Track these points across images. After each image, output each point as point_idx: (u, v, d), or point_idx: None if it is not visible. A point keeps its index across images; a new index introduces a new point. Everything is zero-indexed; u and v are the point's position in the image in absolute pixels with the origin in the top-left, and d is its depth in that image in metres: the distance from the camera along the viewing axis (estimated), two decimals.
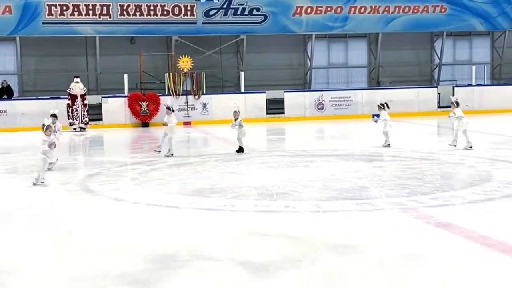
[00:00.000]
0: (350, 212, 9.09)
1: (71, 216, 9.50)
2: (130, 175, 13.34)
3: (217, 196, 10.55)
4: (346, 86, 31.28)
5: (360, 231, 8.05)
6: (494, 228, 7.99)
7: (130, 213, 9.60)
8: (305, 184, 11.39)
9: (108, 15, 27.33)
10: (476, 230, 7.90)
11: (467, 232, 7.86)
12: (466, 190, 10.60)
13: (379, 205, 9.51)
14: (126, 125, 26.00)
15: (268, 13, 28.81)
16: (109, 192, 11.18)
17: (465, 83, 31.47)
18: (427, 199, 9.74)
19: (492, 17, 30.98)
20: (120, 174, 13.37)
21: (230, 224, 8.72)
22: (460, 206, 9.38)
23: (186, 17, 28.05)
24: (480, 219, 8.59)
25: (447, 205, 9.42)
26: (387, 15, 29.90)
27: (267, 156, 15.78)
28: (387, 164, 14.02)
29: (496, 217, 8.73)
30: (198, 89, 26.81)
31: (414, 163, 13.82)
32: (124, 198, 10.62)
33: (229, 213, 9.34)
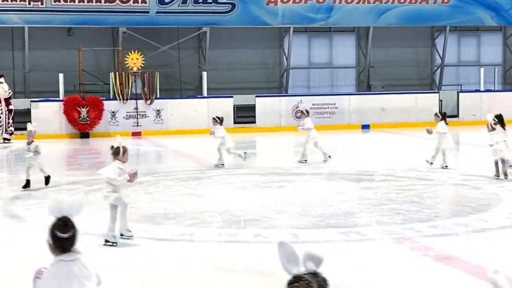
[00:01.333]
0: (333, 243, 9.17)
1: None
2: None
3: (172, 223, 10.55)
4: (330, 91, 31.56)
5: (345, 266, 8.13)
6: (506, 263, 8.13)
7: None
8: (280, 209, 11.46)
9: (39, 1, 27.17)
10: (483, 264, 8.04)
11: (472, 267, 8.00)
12: (471, 217, 10.78)
13: (369, 234, 9.62)
14: (61, 135, 25.80)
15: (236, 1, 28.98)
16: (38, 218, 11.07)
17: (472, 87, 32.00)
18: (425, 227, 9.88)
19: (505, 10, 31.61)
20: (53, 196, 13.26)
21: (188, 257, 8.72)
22: (464, 235, 9.55)
23: (136, 5, 28.05)
24: (487, 251, 8.75)
25: (448, 234, 9.57)
26: (379, 5, 30.31)
27: (234, 175, 15.82)
28: (378, 185, 14.18)
29: (507, 249, 8.90)
30: (150, 93, 26.77)
31: (410, 184, 14.00)
32: None
33: (187, 244, 9.35)
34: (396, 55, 31.90)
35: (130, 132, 26.07)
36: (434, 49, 33.14)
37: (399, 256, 8.60)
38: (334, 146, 22.94)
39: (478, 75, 31.59)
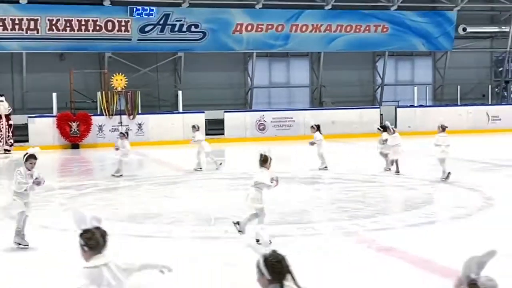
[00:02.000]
0: (291, 237, 9.17)
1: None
2: (58, 200, 13.05)
3: (152, 222, 10.45)
4: (288, 106, 31.64)
5: (301, 256, 8.12)
6: (437, 252, 8.20)
7: (58, 241, 9.38)
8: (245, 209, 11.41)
9: (36, 30, 26.83)
10: (418, 254, 8.10)
11: (409, 257, 8.06)
12: (408, 213, 10.87)
13: (321, 229, 9.65)
14: (55, 146, 25.44)
15: (207, 30, 28.94)
16: (35, 219, 10.88)
17: (408, 103, 32.36)
18: (368, 223, 9.94)
19: (434, 37, 32.06)
20: (47, 199, 13.05)
21: (166, 251, 8.64)
22: (402, 229, 9.62)
23: (120, 33, 27.84)
24: (422, 243, 8.81)
25: (388, 228, 9.64)
26: (329, 34, 30.52)
27: (206, 180, 15.76)
28: (329, 187, 14.24)
29: (438, 240, 8.98)
30: (132, 109, 26.55)
31: (355, 185, 14.08)
32: (51, 225, 10.38)
33: (164, 240, 9.27)
34: (344, 76, 32.14)
35: (115, 144, 25.78)
36: (375, 71, 33.47)
37: (347, 248, 8.62)
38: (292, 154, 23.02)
39: (412, 93, 31.94)
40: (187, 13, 28.59)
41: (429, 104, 33.33)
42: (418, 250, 8.30)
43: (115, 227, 10.14)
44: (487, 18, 34.81)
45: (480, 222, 10.17)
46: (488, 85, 34.07)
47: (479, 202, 11.57)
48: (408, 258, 7.98)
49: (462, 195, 12.45)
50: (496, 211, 10.61)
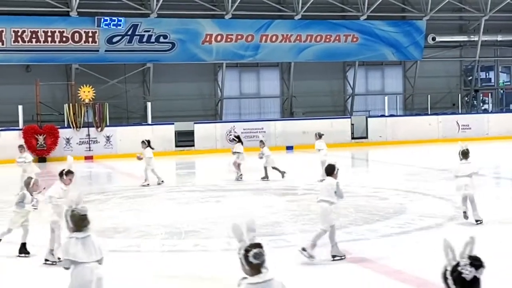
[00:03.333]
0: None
1: None
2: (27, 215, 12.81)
3: (121, 236, 10.34)
4: (258, 117, 31.70)
5: (273, 268, 8.10)
6: (409, 262, 8.26)
7: (21, 259, 9.22)
8: (216, 221, 11.38)
9: (0, 42, 26.49)
10: (391, 264, 8.15)
11: (381, 267, 8.10)
12: (380, 223, 10.92)
13: (293, 241, 9.63)
14: None
15: (176, 41, 28.89)
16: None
17: (378, 113, 32.65)
18: (341, 233, 9.93)
19: (404, 47, 32.46)
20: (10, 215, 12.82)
21: (135, 266, 8.55)
22: (374, 240, 9.66)
23: (87, 44, 27.64)
24: (394, 253, 8.87)
25: (361, 239, 9.67)
26: (299, 44, 30.70)
27: (176, 192, 15.67)
28: (301, 198, 14.25)
29: (411, 250, 9.04)
30: (100, 121, 26.34)
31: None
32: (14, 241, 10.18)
33: (134, 254, 9.18)
34: (314, 86, 32.32)
35: (83, 156, 25.58)
36: (345, 80, 33.74)
37: (319, 259, 8.62)
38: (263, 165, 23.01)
39: (383, 102, 32.26)
40: (155, 23, 28.52)
41: (399, 113, 33.69)
42: (390, 260, 8.35)
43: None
44: (456, 27, 35.38)
45: (451, 231, 10.26)
46: (458, 94, 34.60)
47: (450, 212, 11.69)
48: (381, 269, 8.02)
49: (433, 205, 12.57)
50: (467, 220, 10.71)
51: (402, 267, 7.97)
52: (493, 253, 7.73)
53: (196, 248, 9.37)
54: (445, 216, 11.30)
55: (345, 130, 29.76)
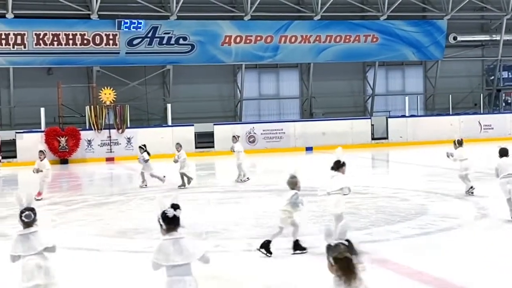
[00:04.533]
0: (283, 250, 9.14)
1: None
2: (48, 216, 12.98)
3: (142, 237, 10.40)
4: (278, 118, 31.71)
5: (294, 269, 8.12)
6: (431, 264, 8.21)
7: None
8: (237, 222, 11.41)
9: (22, 45, 26.81)
10: (412, 266, 8.11)
11: (403, 268, 8.06)
12: (401, 224, 10.87)
13: (313, 242, 9.61)
14: None
15: (195, 43, 29.01)
16: None
17: (399, 113, 32.49)
18: (361, 235, 9.92)
19: (425, 47, 32.26)
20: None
21: None
22: (395, 241, 9.62)
23: (108, 47, 27.86)
24: (416, 254, 8.82)
25: (382, 240, 9.63)
26: (318, 44, 30.65)
27: (197, 193, 15.72)
28: (321, 199, 14.20)
29: (432, 252, 8.99)
30: (121, 123, 26.51)
31: (348, 197, 13.99)
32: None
33: None
34: (334, 87, 32.26)
35: (104, 158, 25.79)
36: (365, 81, 33.61)
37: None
38: (282, 166, 22.99)
39: (403, 102, 32.10)
40: (175, 25, 28.66)
41: (420, 113, 33.48)
42: (411, 261, 8.30)
43: (105, 242, 10.11)
44: (478, 26, 35.08)
45: (473, 232, 10.20)
46: (479, 94, 34.29)
47: (472, 212, 11.60)
48: (402, 270, 7.99)
49: (455, 206, 12.48)
50: (489, 220, 10.64)
51: (423, 268, 7.93)
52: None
53: (216, 249, 9.39)
54: (467, 217, 11.23)
55: (365, 130, 29.66)
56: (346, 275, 4.21)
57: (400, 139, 29.40)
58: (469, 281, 7.40)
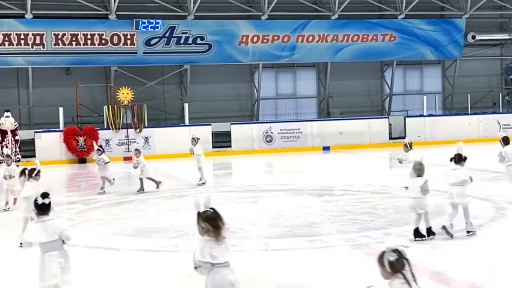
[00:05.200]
0: (300, 250, 9.12)
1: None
2: (66, 215, 13.05)
3: (158, 236, 10.43)
4: (295, 118, 31.67)
5: (311, 269, 8.08)
6: (449, 264, 8.14)
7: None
8: (253, 221, 11.40)
9: (41, 45, 27.01)
10: (430, 266, 8.04)
11: (421, 269, 7.98)
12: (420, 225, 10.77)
13: (330, 241, 9.59)
14: (62, 161, 25.52)
15: (212, 42, 29.05)
16: None
17: (417, 113, 32.31)
18: (379, 235, 9.87)
19: (443, 46, 32.04)
20: (55, 215, 13.05)
21: (173, 266, 8.61)
22: (414, 241, 9.53)
23: (126, 47, 27.99)
24: (434, 254, 8.75)
25: (400, 240, 9.55)
26: (335, 44, 30.56)
27: (213, 192, 15.70)
28: (338, 199, 14.17)
29: (451, 252, 8.91)
30: (139, 122, 26.63)
31: (366, 197, 14.01)
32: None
33: (171, 254, 9.24)
34: (351, 86, 32.15)
35: (122, 157, 25.90)
36: (383, 80, 33.45)
37: (357, 261, 8.57)
38: (300, 165, 22.96)
39: (421, 102, 31.92)
40: (192, 25, 28.72)
41: (438, 113, 33.26)
42: (430, 262, 8.23)
43: (122, 241, 10.15)
44: (496, 25, 34.77)
45: (492, 232, 10.09)
46: (498, 93, 34.00)
47: (491, 213, 11.49)
48: (420, 271, 7.91)
49: (474, 205, 12.35)
50: (508, 221, 10.53)
51: (442, 269, 7.86)
52: None
53: (233, 249, 9.33)
54: (486, 217, 11.12)
55: (383, 130, 29.53)
56: (215, 232, 5.39)
57: (418, 139, 29.19)
58: (488, 281, 7.33)
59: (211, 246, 5.40)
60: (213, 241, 5.38)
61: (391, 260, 4.61)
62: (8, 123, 24.79)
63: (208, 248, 5.39)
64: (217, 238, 5.40)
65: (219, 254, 5.39)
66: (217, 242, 5.39)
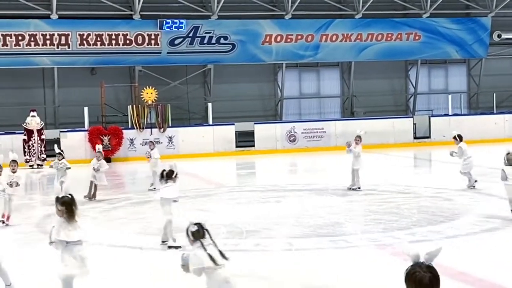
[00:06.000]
0: (324, 250, 9.12)
1: (26, 259, 9.34)
2: (91, 214, 13.19)
3: (182, 236, 10.46)
4: (319, 117, 31.58)
5: (334, 270, 8.08)
6: (474, 265, 8.08)
7: (90, 256, 9.45)
8: (277, 221, 11.41)
9: (66, 45, 27.29)
10: (455, 267, 7.98)
11: (445, 269, 7.93)
12: (444, 225, 10.72)
13: (354, 241, 9.57)
14: (87, 161, 25.63)
15: (236, 42, 29.10)
16: None
17: (442, 112, 32.03)
18: (403, 235, 9.83)
19: (468, 45, 31.74)
20: (80, 213, 13.18)
21: None
22: (438, 241, 9.47)
23: (150, 47, 28.16)
24: (459, 255, 8.68)
25: (424, 240, 9.50)
26: (359, 43, 30.43)
27: (237, 192, 15.77)
28: (362, 199, 14.13)
29: (476, 252, 8.84)
30: (163, 122, 26.77)
31: (390, 197, 13.95)
32: (84, 239, 10.47)
33: None
34: (375, 86, 31.98)
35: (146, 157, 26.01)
36: (407, 79, 33.23)
37: (381, 261, 8.54)
38: (323, 165, 22.92)
39: (446, 101, 31.64)
40: (216, 25, 28.80)
41: (464, 112, 32.94)
42: (454, 262, 8.17)
43: (146, 240, 10.22)
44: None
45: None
46: None
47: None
48: (445, 271, 7.86)
49: (499, 206, 12.23)
50: None
51: (466, 269, 7.80)
52: None
53: (257, 248, 9.41)
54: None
55: (407, 129, 29.34)
56: (69, 215, 6.43)
57: (443, 138, 28.93)
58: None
59: (64, 226, 6.42)
60: (66, 223, 6.41)
61: (192, 231, 5.75)
62: (34, 123, 25.13)
63: (62, 229, 6.41)
64: (70, 220, 6.44)
65: (71, 234, 6.42)
66: (69, 223, 6.42)
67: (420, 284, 3.58)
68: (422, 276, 3.60)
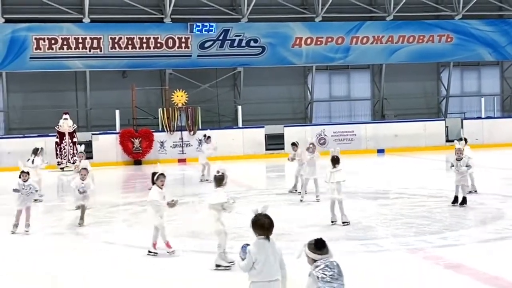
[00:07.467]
0: (355, 254, 9.08)
1: (58, 261, 9.47)
2: (122, 216, 13.34)
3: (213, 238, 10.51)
4: (349, 120, 31.45)
5: (366, 274, 8.04)
6: (507, 269, 7.98)
7: (122, 257, 9.57)
8: (306, 224, 11.39)
9: (98, 49, 27.64)
10: (488, 271, 7.90)
11: (478, 274, 7.86)
12: (477, 229, 10.61)
13: (386, 245, 9.51)
14: (118, 163, 26.02)
15: (266, 45, 29.16)
16: (100, 235, 11.17)
17: (474, 115, 31.66)
18: (435, 239, 9.74)
19: (501, 47, 31.35)
20: (111, 215, 13.35)
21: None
22: (471, 245, 9.39)
23: (180, 50, 28.37)
24: (492, 259, 8.59)
25: (456, 245, 9.42)
26: (390, 45, 30.25)
27: (267, 195, 15.79)
28: (393, 202, 14.03)
29: (509, 257, 8.73)
30: (193, 125, 26.91)
31: (421, 200, 13.84)
32: (115, 241, 10.60)
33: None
34: (406, 88, 31.75)
35: (177, 159, 26.23)
36: (439, 82, 32.92)
37: (413, 265, 8.48)
38: (354, 168, 22.79)
39: (479, 104, 31.27)
40: (246, 28, 28.89)
41: (497, 115, 32.52)
42: (488, 267, 8.09)
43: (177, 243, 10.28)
44: None
45: None
46: None
47: None
48: (478, 275, 7.79)
49: None
50: None
51: (499, 274, 7.71)
52: None
53: (286, 251, 9.37)
54: None
55: (439, 132, 29.04)
56: None
57: (476, 141, 28.58)
58: None
59: None
60: None
61: (217, 176, 7.67)
62: (66, 125, 25.44)
63: None
64: None
65: None
66: None
67: (262, 226, 5.76)
68: (263, 221, 5.76)
